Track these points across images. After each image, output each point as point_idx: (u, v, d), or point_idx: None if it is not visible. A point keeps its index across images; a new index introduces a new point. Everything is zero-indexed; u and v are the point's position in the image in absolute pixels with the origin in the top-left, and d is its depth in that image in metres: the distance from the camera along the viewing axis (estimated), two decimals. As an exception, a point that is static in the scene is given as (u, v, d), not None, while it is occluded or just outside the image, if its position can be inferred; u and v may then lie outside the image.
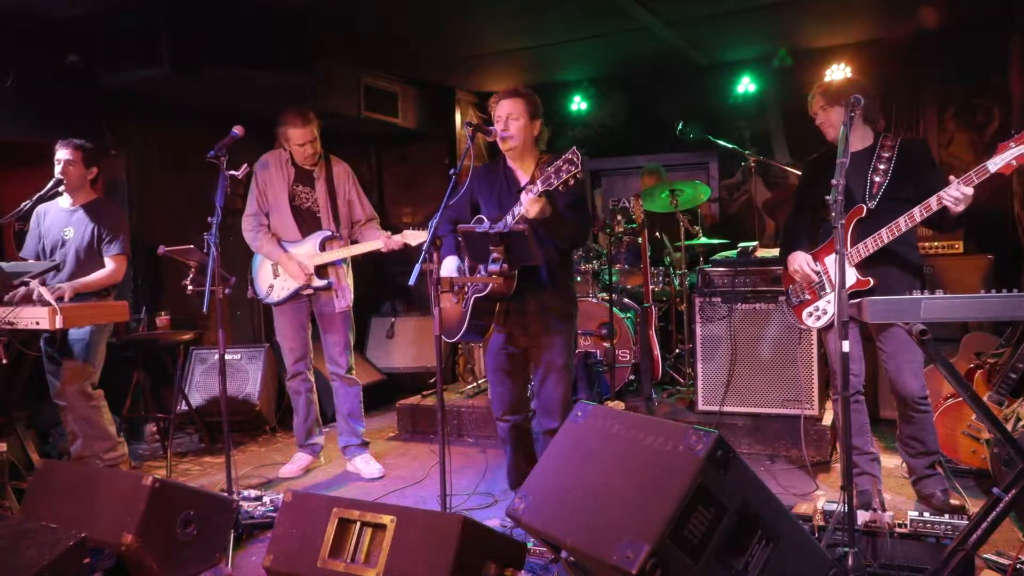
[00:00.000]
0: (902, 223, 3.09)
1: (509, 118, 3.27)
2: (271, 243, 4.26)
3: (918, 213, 3.06)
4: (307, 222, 4.26)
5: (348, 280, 4.34)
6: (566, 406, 3.32)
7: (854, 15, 5.22)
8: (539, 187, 2.96)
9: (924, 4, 4.98)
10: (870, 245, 3.18)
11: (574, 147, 2.89)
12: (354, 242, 4.32)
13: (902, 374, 3.29)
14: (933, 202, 3.02)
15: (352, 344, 4.42)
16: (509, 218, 3.11)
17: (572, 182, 2.90)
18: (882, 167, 3.27)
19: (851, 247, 3.20)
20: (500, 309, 3.31)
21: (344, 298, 4.27)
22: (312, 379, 4.48)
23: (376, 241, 4.17)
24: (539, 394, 3.38)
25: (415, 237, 4.04)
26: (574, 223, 3.21)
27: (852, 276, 3.21)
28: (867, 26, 5.48)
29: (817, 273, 3.38)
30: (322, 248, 4.21)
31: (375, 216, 4.45)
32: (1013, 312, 2.39)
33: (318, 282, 4.20)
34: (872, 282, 3.18)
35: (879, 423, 4.42)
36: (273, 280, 4.31)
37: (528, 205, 2.99)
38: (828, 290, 3.34)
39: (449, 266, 3.31)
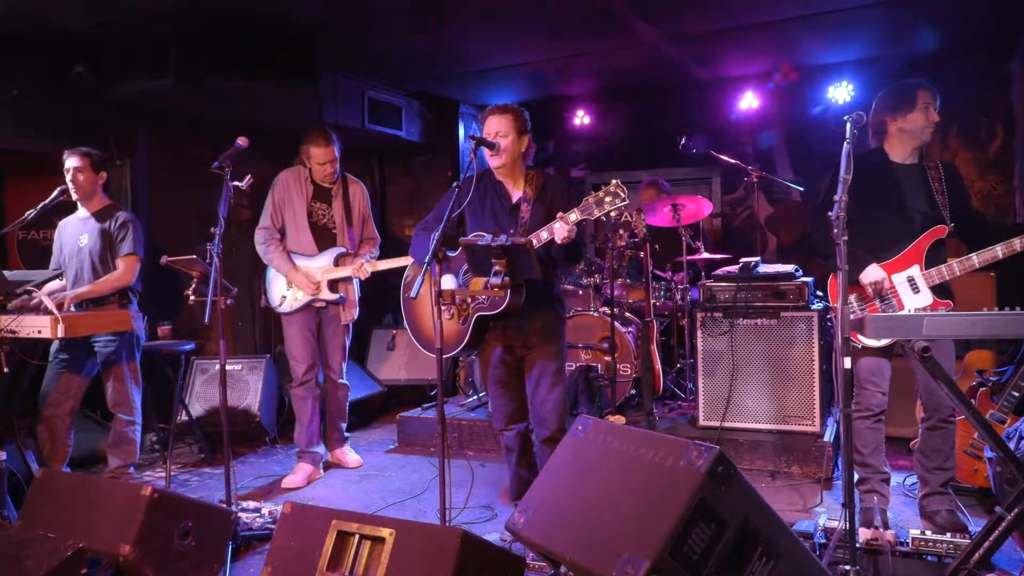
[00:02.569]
0: (999, 251, 2.98)
1: (498, 135, 3.29)
2: (281, 257, 4.37)
3: (1000, 251, 2.97)
4: (323, 238, 4.43)
5: (356, 295, 4.50)
6: (561, 414, 3.32)
7: (856, 33, 5.24)
8: (577, 215, 2.99)
9: (926, 23, 5.00)
10: (956, 268, 3.08)
11: (617, 181, 2.91)
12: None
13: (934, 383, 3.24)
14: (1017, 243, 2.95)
15: (348, 352, 4.60)
16: (534, 240, 3.12)
17: (615, 215, 2.94)
18: (939, 187, 3.23)
19: (927, 267, 3.14)
20: (498, 323, 3.31)
21: (350, 312, 4.47)
22: (318, 388, 4.55)
23: (346, 268, 4.36)
24: (532, 402, 3.38)
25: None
26: (583, 243, 3.26)
27: (928, 297, 3.14)
28: (869, 44, 5.51)
29: (887, 291, 3.21)
30: (336, 264, 4.38)
31: (376, 238, 4.63)
32: (1016, 330, 2.38)
33: (330, 295, 4.37)
34: (952, 304, 3.12)
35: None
36: (286, 291, 4.43)
37: (565, 233, 3.02)
38: (895, 307, 3.19)
39: (447, 282, 3.32)
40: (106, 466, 4.22)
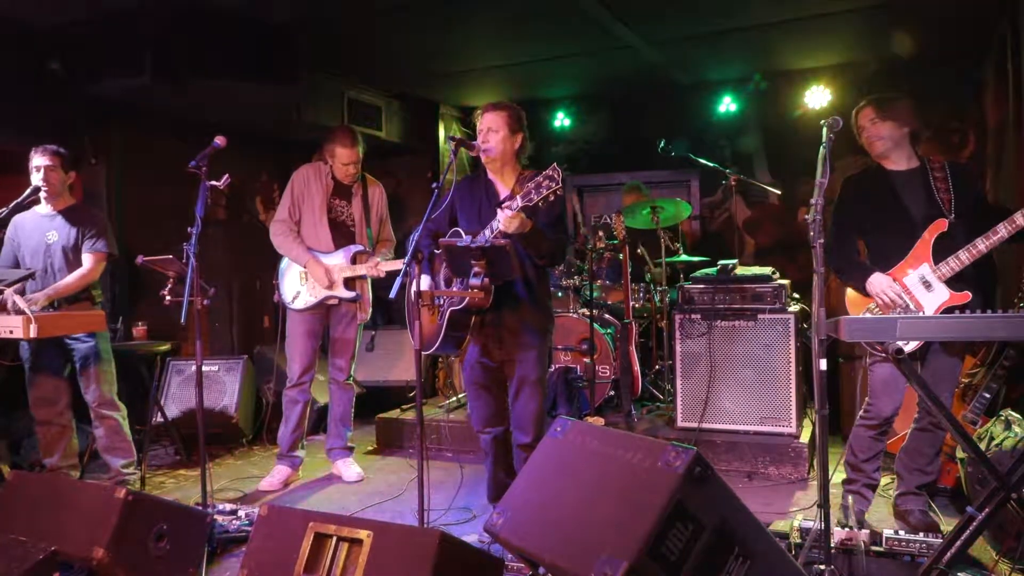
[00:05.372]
0: (1003, 230, 2.98)
1: (489, 131, 3.28)
2: (300, 247, 4.34)
3: (1003, 229, 2.98)
4: (341, 234, 4.39)
5: (370, 294, 4.47)
6: (539, 421, 3.32)
7: (832, 39, 5.31)
8: (519, 203, 2.94)
9: (901, 29, 5.07)
10: (964, 258, 3.08)
11: (555, 164, 2.88)
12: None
13: (939, 388, 3.22)
14: (1019, 218, 2.94)
15: (357, 353, 4.54)
16: (488, 232, 3.10)
17: (552, 199, 2.90)
18: (942, 186, 3.25)
19: (936, 263, 3.15)
20: (475, 322, 3.30)
21: (366, 310, 4.44)
22: (310, 392, 4.50)
23: (363, 266, 4.30)
24: (513, 409, 3.38)
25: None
26: (553, 239, 3.20)
27: (944, 292, 3.15)
28: (845, 50, 5.57)
29: (899, 295, 3.20)
30: (353, 261, 4.33)
31: (392, 239, 4.61)
32: (988, 332, 2.42)
33: (346, 293, 4.32)
34: (970, 296, 3.11)
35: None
36: (300, 287, 4.38)
37: (506, 221, 2.98)
38: (914, 309, 3.17)
39: (422, 284, 3.30)
40: (109, 470, 4.17)
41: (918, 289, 3.20)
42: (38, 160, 3.98)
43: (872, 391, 3.39)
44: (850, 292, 3.40)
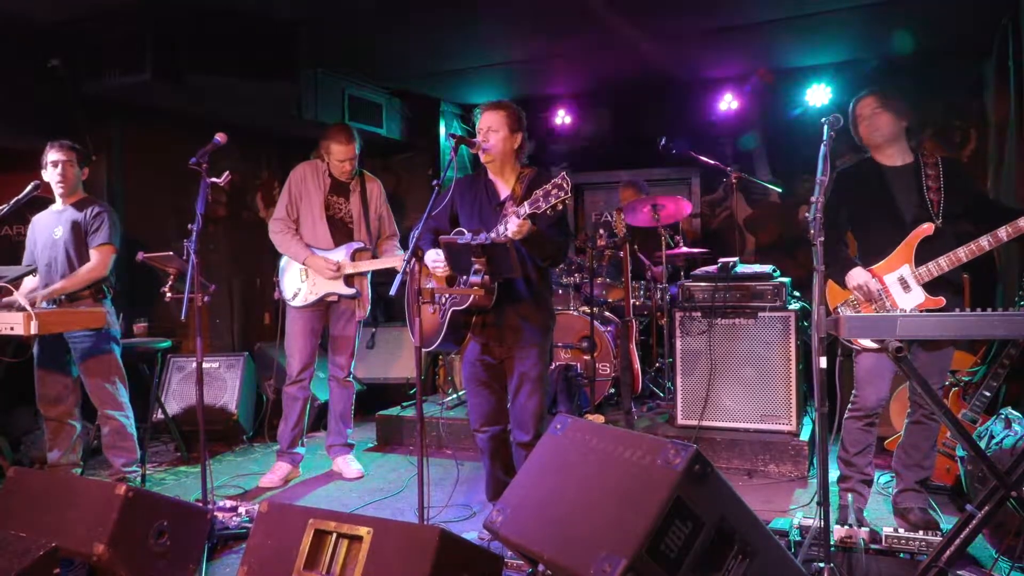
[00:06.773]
0: (985, 242, 3.00)
1: (489, 130, 3.28)
2: (298, 244, 4.35)
3: (985, 242, 3.00)
4: (340, 232, 4.39)
5: (369, 291, 4.47)
6: (539, 419, 3.31)
7: (834, 36, 5.30)
8: (527, 209, 2.95)
9: (902, 27, 5.06)
10: (943, 264, 3.09)
11: (564, 173, 2.89)
12: (374, 256, 4.46)
13: (932, 380, 3.22)
14: (1002, 233, 2.97)
15: (356, 351, 4.53)
16: (493, 235, 3.10)
17: (560, 207, 2.90)
18: (932, 185, 3.25)
19: (917, 265, 3.16)
20: (476, 321, 3.30)
21: (364, 308, 4.45)
22: (310, 389, 4.50)
23: (395, 258, 4.31)
24: (512, 406, 3.37)
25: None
26: (555, 242, 3.20)
27: (920, 295, 3.16)
28: (846, 47, 5.57)
29: (878, 291, 3.23)
30: (352, 258, 4.33)
31: (396, 233, 4.60)
32: (988, 331, 2.42)
33: (347, 290, 4.33)
34: (944, 301, 3.13)
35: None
36: (300, 285, 4.38)
37: (516, 228, 2.99)
38: (889, 307, 3.21)
39: (432, 256, 3.29)
40: (110, 467, 4.16)
41: (896, 289, 3.22)
42: (54, 155, 4.00)
43: (857, 382, 3.42)
44: (832, 285, 3.41)
